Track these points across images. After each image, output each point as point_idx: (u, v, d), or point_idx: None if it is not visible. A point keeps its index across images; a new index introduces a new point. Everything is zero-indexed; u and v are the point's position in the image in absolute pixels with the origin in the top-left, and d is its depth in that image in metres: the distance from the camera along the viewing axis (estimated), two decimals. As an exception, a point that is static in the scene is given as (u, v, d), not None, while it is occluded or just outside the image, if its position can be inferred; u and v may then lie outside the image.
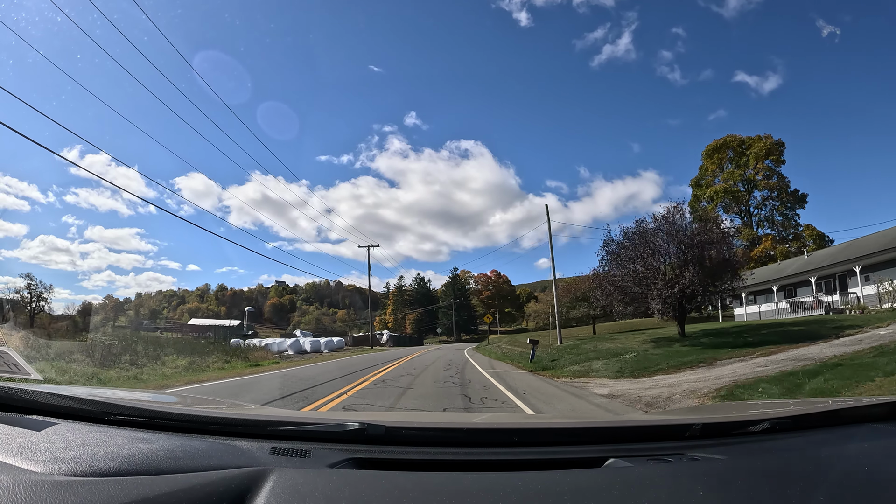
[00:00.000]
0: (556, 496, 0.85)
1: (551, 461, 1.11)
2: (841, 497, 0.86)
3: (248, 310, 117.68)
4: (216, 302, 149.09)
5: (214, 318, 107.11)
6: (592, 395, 9.47)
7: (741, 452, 1.18)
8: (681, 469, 1.05)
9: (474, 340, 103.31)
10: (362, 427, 1.15)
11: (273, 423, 1.27)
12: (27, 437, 1.03)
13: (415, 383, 11.36)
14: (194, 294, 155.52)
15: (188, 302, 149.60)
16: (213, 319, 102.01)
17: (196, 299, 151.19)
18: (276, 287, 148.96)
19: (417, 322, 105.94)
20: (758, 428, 1.31)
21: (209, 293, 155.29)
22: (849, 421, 1.39)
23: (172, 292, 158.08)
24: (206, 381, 12.11)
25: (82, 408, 1.25)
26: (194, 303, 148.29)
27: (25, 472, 0.87)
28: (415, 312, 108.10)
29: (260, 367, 17.82)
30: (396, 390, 9.89)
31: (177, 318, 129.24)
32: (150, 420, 1.24)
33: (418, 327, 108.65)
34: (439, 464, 1.10)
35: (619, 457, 1.10)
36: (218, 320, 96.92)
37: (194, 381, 12.03)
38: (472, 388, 10.22)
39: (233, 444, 1.13)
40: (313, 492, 0.84)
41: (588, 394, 9.63)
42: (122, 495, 0.78)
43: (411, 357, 25.55)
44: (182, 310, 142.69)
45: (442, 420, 1.92)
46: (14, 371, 1.64)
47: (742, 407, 2.73)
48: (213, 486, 0.84)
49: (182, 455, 0.99)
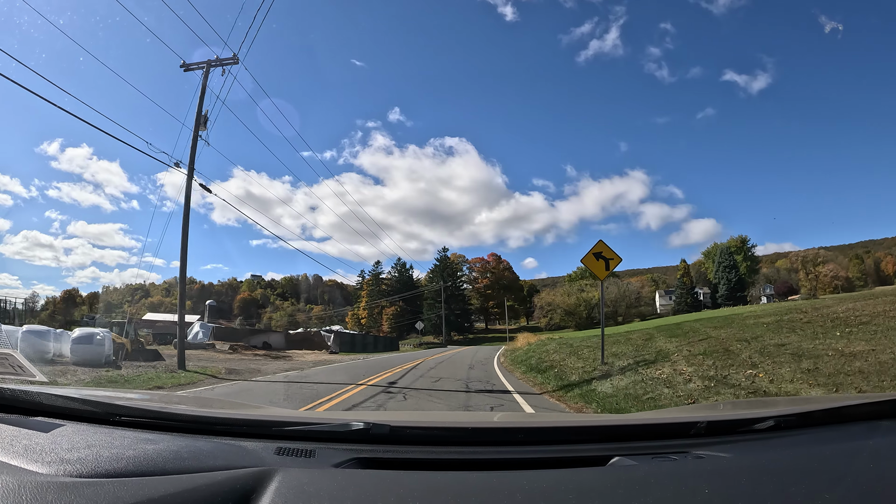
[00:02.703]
0: (561, 495, 0.84)
1: (556, 460, 1.10)
2: (846, 495, 0.85)
3: (209, 304, 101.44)
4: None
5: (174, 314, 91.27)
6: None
7: (746, 450, 1.18)
8: (686, 467, 1.05)
9: (469, 342, 79.19)
10: (367, 427, 1.15)
11: (278, 424, 1.28)
12: (32, 439, 1.04)
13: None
14: (161, 288, 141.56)
15: (152, 295, 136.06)
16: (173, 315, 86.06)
17: (162, 293, 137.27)
18: (250, 281, 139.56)
19: (397, 317, 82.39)
20: (763, 426, 1.28)
21: (176, 286, 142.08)
22: (854, 418, 1.35)
23: (138, 286, 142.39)
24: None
25: (87, 409, 1.26)
26: (158, 297, 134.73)
27: (31, 473, 0.87)
28: (393, 306, 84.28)
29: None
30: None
31: (133, 314, 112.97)
32: (155, 421, 1.24)
33: (398, 324, 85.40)
34: (444, 463, 1.10)
35: (624, 455, 1.10)
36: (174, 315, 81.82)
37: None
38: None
39: (238, 444, 1.14)
40: (318, 491, 0.83)
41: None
42: (128, 496, 0.77)
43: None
44: (144, 304, 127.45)
45: (446, 419, 1.83)
46: (19, 373, 1.71)
47: (747, 404, 2.68)
48: (219, 486, 0.84)
49: (187, 455, 0.99)
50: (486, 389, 9.51)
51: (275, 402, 8.30)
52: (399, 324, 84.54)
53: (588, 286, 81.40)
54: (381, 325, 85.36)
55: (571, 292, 79.28)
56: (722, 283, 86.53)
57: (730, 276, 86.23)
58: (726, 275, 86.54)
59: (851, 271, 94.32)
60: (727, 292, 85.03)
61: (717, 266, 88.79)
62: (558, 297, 78.63)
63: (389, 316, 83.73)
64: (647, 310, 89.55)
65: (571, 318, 76.63)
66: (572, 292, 79.16)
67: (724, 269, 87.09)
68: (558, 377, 10.58)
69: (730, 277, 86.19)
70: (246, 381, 12.70)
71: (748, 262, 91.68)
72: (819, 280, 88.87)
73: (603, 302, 13.85)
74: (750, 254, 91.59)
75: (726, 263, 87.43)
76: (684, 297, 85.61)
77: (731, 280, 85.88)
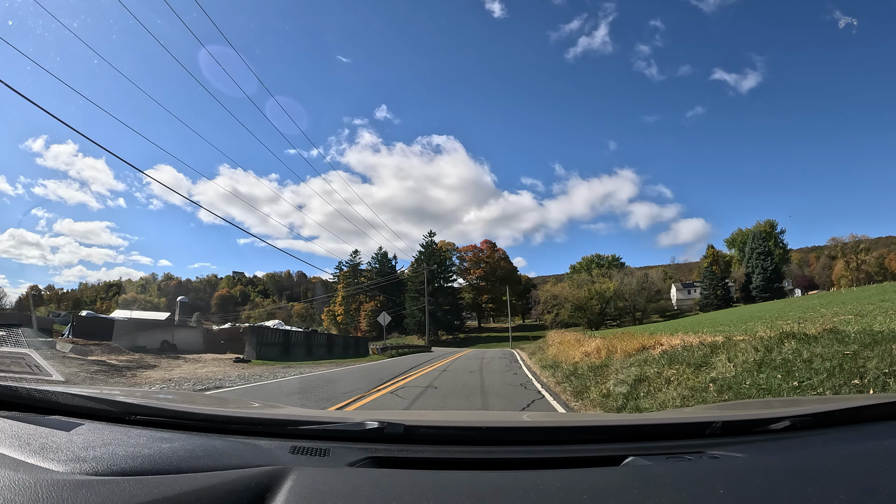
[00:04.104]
0: (574, 494, 0.84)
1: (570, 460, 1.10)
2: (863, 496, 0.84)
3: (180, 300, 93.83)
4: (158, 293, 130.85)
5: (153, 311, 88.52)
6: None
7: (761, 451, 1.16)
8: (700, 467, 1.03)
9: (459, 343, 67.70)
10: (381, 426, 1.16)
11: (292, 423, 1.29)
12: (49, 437, 1.05)
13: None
14: (137, 284, 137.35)
15: (127, 292, 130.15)
16: (144, 312, 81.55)
17: (137, 289, 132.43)
18: (230, 278, 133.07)
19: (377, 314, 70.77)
20: (778, 426, 1.27)
21: (153, 283, 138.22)
22: (870, 419, 1.34)
23: (113, 282, 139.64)
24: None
25: (103, 408, 1.28)
26: (132, 293, 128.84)
27: (47, 471, 0.87)
28: (373, 300, 72.65)
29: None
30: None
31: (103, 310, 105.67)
32: (171, 420, 1.26)
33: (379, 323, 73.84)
34: (458, 462, 1.09)
35: (638, 455, 1.09)
36: (146, 313, 77.13)
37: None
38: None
39: (252, 443, 1.15)
40: (333, 490, 0.84)
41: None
42: (143, 494, 0.78)
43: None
44: (117, 300, 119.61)
45: (461, 419, 1.75)
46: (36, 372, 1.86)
47: (761, 404, 2.61)
48: (233, 484, 0.85)
49: (202, 454, 1.00)
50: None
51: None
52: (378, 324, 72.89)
53: (601, 276, 69.38)
54: (359, 322, 73.86)
55: (582, 283, 67.16)
56: (756, 273, 74.12)
57: (765, 265, 73.88)
58: (761, 262, 74.17)
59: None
60: (763, 283, 72.67)
61: (749, 253, 76.41)
62: (566, 289, 66.43)
63: (368, 312, 72.15)
64: (666, 305, 77.56)
65: (582, 314, 64.60)
66: (583, 283, 67.04)
67: (759, 257, 74.73)
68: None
69: (765, 266, 73.84)
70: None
71: (780, 251, 79.60)
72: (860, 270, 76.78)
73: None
74: (780, 241, 79.20)
75: (760, 249, 75.07)
76: (714, 289, 73.01)
77: (767, 269, 73.56)
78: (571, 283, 68.28)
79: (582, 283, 67.16)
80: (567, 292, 65.22)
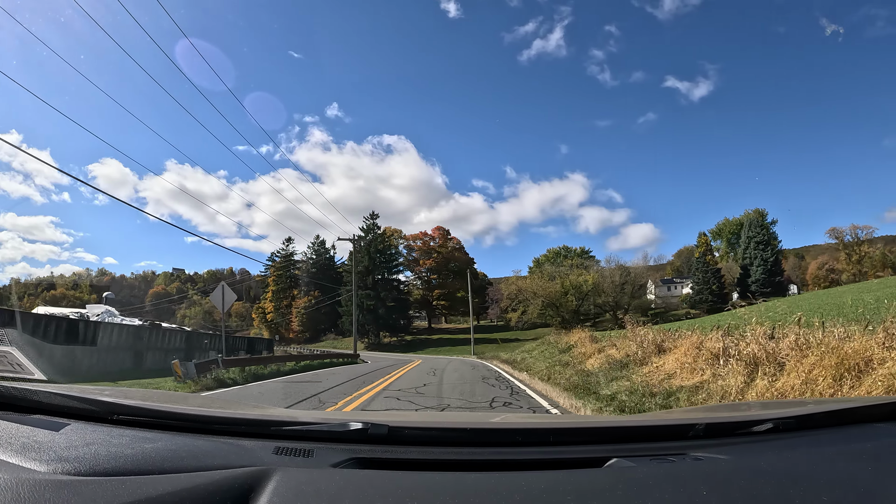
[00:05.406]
0: (559, 496, 0.84)
1: (554, 461, 1.11)
2: (845, 497, 0.86)
3: (106, 295, 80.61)
4: (89, 290, 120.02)
5: (82, 308, 74.66)
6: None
7: (745, 452, 1.17)
8: (684, 469, 1.04)
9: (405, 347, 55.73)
10: (365, 427, 1.15)
11: (276, 423, 1.28)
12: (30, 437, 1.03)
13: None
14: (69, 280, 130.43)
15: (57, 288, 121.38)
16: (65, 308, 68.11)
17: (69, 285, 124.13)
18: (167, 274, 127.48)
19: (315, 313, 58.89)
20: (761, 428, 1.30)
21: (86, 279, 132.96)
22: (852, 421, 1.37)
23: (45, 279, 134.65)
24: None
25: (86, 407, 1.26)
26: (62, 290, 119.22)
27: (29, 471, 0.86)
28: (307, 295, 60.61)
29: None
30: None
31: (27, 307, 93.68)
32: (154, 420, 1.24)
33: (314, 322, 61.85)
34: (442, 464, 1.10)
35: (622, 457, 1.10)
36: (64, 309, 63.07)
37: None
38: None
39: (236, 443, 1.14)
40: (316, 491, 0.83)
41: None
42: (126, 495, 0.77)
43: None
44: (45, 296, 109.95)
45: (445, 420, 1.83)
46: (17, 371, 1.98)
47: (745, 406, 2.68)
48: (217, 485, 0.84)
49: (185, 454, 1.00)
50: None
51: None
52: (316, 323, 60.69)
53: (576, 267, 58.37)
54: (291, 321, 61.73)
55: (554, 275, 55.92)
56: (756, 265, 64.25)
57: (765, 255, 64.08)
58: (760, 253, 64.33)
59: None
60: (764, 276, 62.77)
61: (746, 242, 66.53)
62: (535, 282, 55.09)
63: (301, 310, 59.98)
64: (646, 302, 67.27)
65: (554, 311, 53.51)
66: (555, 275, 55.78)
67: (758, 246, 64.85)
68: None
69: (765, 257, 64.03)
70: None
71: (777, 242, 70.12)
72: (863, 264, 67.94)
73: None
74: (772, 231, 69.15)
75: (759, 238, 65.22)
76: (708, 285, 62.65)
77: (768, 260, 63.77)
78: (541, 276, 56.98)
79: (554, 276, 55.93)
80: (536, 286, 53.87)
